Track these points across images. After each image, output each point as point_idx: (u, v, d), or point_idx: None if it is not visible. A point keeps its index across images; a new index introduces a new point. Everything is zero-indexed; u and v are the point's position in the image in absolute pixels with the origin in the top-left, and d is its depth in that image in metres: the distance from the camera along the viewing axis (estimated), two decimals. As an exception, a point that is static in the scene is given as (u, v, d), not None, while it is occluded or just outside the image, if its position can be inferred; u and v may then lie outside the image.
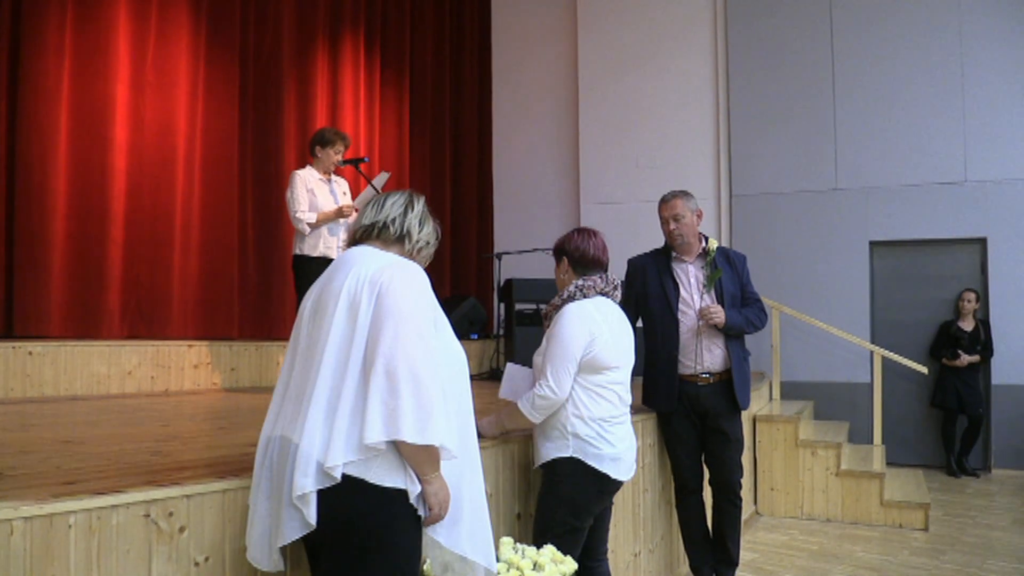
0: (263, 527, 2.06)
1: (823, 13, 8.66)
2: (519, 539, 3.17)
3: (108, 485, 2.14)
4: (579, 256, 3.14)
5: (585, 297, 3.07)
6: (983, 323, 7.84)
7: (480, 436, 3.07)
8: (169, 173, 6.25)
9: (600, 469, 3.00)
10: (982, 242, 8.03)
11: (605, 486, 3.05)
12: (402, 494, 2.01)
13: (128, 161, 5.99)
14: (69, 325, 5.60)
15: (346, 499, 1.97)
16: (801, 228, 8.66)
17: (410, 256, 2.26)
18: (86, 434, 3.40)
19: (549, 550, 2.80)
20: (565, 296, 3.09)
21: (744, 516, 5.79)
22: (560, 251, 3.21)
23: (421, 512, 2.07)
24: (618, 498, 3.47)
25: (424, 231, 2.31)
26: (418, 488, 2.03)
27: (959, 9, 8.10)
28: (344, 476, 1.94)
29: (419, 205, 2.35)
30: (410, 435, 1.88)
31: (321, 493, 1.95)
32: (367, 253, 2.16)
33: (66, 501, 1.92)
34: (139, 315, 6.04)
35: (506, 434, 3.21)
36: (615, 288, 3.16)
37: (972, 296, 7.84)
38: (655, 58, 9.30)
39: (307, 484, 1.93)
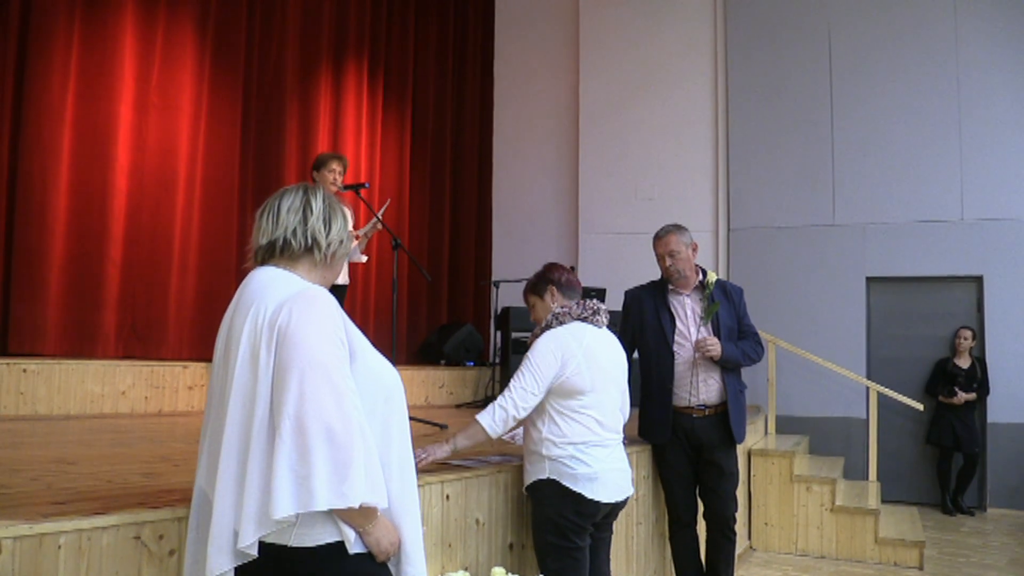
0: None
1: (822, 50, 8.75)
2: (511, 569, 3.15)
3: (99, 506, 2.13)
4: (564, 281, 3.29)
5: (561, 324, 3.17)
6: (979, 361, 7.85)
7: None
8: (169, 195, 6.27)
9: (574, 489, 3.03)
10: (978, 280, 8.06)
11: (582, 507, 3.05)
12: (338, 547, 1.80)
13: (129, 182, 6.00)
14: (64, 343, 5.58)
15: (273, 572, 1.80)
16: (798, 263, 8.69)
17: (324, 264, 1.99)
18: (78, 454, 3.38)
19: (541, 581, 2.79)
20: (544, 325, 3.20)
21: (738, 551, 5.75)
22: (544, 282, 3.32)
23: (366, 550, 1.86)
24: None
25: (333, 231, 1.99)
26: (354, 532, 1.82)
27: (956, 48, 8.20)
28: (263, 545, 1.76)
29: (318, 203, 1.99)
30: (326, 502, 1.67)
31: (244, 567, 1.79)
32: (269, 282, 1.90)
33: (56, 521, 1.91)
34: (134, 335, 6.03)
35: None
36: (594, 312, 3.23)
37: (968, 334, 7.85)
38: (655, 90, 9.38)
39: (223, 563, 1.76)
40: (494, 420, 3.03)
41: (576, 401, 3.07)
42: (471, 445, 3.13)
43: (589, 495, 3.04)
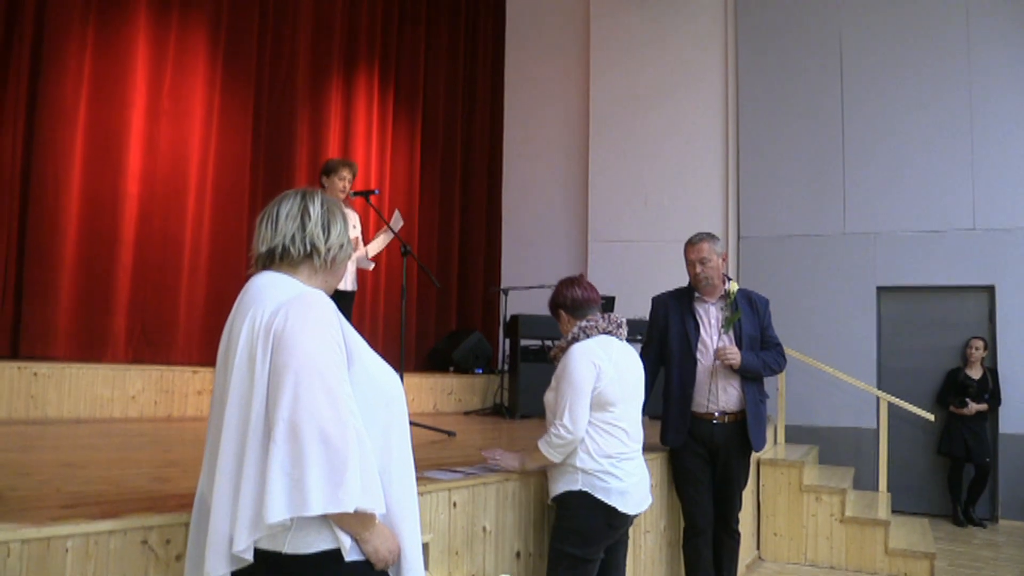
0: None
1: (833, 58, 8.74)
2: (518, 577, 3.14)
3: (107, 510, 2.13)
4: (571, 303, 3.32)
5: (588, 337, 3.22)
6: (991, 371, 7.79)
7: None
8: (180, 200, 6.30)
9: (608, 502, 3.10)
10: (990, 290, 8.01)
11: (613, 519, 3.13)
12: (334, 555, 1.76)
13: (140, 187, 6.04)
14: (74, 347, 5.61)
15: None
16: (809, 271, 8.66)
17: (325, 269, 1.98)
18: (87, 458, 3.39)
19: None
20: (570, 338, 3.26)
21: (747, 560, 5.73)
22: (555, 307, 3.38)
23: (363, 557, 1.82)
24: (619, 538, 3.44)
25: (332, 236, 1.97)
26: (350, 539, 1.78)
27: (969, 56, 8.17)
28: (258, 552, 1.74)
29: (316, 208, 1.97)
30: (319, 507, 1.64)
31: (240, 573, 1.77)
32: (268, 286, 1.88)
33: (64, 525, 1.91)
34: (144, 340, 6.05)
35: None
36: (619, 326, 3.30)
37: (980, 344, 7.80)
38: (666, 98, 9.38)
39: (219, 567, 1.74)
40: (552, 448, 3.11)
41: (609, 414, 3.13)
42: (537, 468, 3.29)
43: (621, 508, 3.12)
